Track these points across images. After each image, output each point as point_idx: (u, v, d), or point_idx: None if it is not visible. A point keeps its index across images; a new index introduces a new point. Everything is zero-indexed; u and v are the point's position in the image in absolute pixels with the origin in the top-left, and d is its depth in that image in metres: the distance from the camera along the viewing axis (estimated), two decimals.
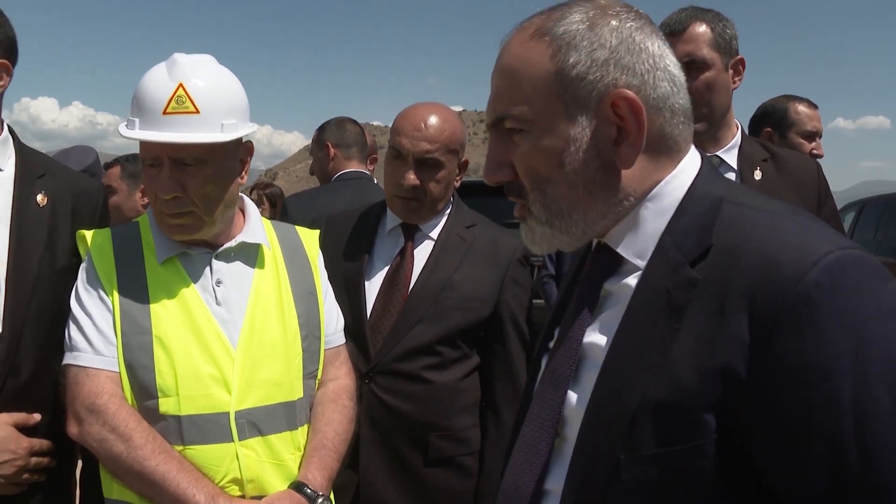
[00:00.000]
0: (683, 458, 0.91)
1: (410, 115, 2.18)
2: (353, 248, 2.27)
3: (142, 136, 1.63)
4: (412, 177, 2.14)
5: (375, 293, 2.20)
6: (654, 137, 1.01)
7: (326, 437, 1.79)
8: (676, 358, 0.92)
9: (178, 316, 1.66)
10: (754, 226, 0.95)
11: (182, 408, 1.61)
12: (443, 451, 2.15)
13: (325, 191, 3.47)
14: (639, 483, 0.93)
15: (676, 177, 1.04)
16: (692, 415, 0.90)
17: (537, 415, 1.09)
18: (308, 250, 1.93)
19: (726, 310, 0.90)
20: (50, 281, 1.82)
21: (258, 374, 1.69)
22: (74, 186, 1.96)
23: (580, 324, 1.07)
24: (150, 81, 1.64)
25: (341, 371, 1.93)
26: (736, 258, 0.92)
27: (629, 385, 0.95)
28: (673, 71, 1.03)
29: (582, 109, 1.00)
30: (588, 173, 1.01)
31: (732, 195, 1.02)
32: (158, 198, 1.66)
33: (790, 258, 0.88)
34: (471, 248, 2.22)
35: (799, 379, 0.85)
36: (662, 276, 0.98)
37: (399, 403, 2.12)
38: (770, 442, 0.88)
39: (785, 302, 0.86)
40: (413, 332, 2.12)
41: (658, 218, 1.03)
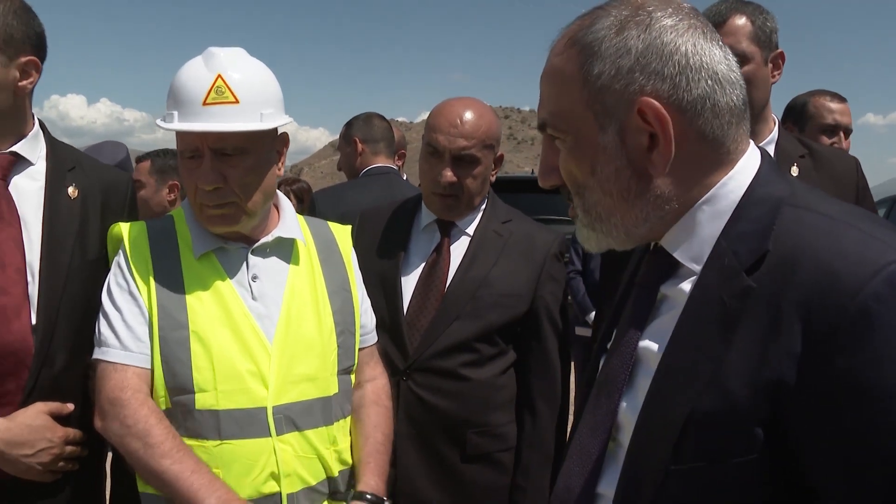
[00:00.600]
0: (732, 473, 0.89)
1: (446, 112, 2.16)
2: (388, 245, 2.26)
3: (183, 126, 1.62)
4: (449, 173, 2.13)
5: (412, 290, 2.19)
6: (695, 141, 0.98)
7: (378, 441, 1.81)
8: (728, 370, 0.90)
9: (215, 311, 1.66)
10: (813, 232, 0.91)
11: (220, 403, 1.61)
12: (480, 448, 2.14)
13: (353, 186, 3.47)
14: (687, 495, 0.92)
15: (733, 178, 1.01)
16: (742, 429, 0.88)
17: (591, 419, 1.08)
18: (341, 246, 1.93)
19: (781, 321, 0.87)
20: (82, 273, 1.84)
21: (294, 369, 1.69)
22: (104, 179, 1.98)
23: (635, 328, 1.06)
24: (188, 74, 1.65)
25: (377, 370, 1.94)
26: (792, 267, 0.89)
27: (680, 395, 0.93)
28: (716, 67, 0.98)
29: (611, 119, 0.99)
30: (621, 182, 1.00)
31: (793, 197, 0.98)
32: (199, 189, 1.66)
33: (849, 268, 0.84)
34: (507, 243, 2.21)
35: (853, 397, 0.82)
36: (717, 283, 0.95)
37: (437, 400, 2.11)
38: (821, 461, 0.85)
39: (842, 315, 0.82)
40: (451, 329, 2.11)
41: (714, 221, 1.00)
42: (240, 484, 1.61)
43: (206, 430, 1.62)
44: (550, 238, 2.25)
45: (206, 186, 1.64)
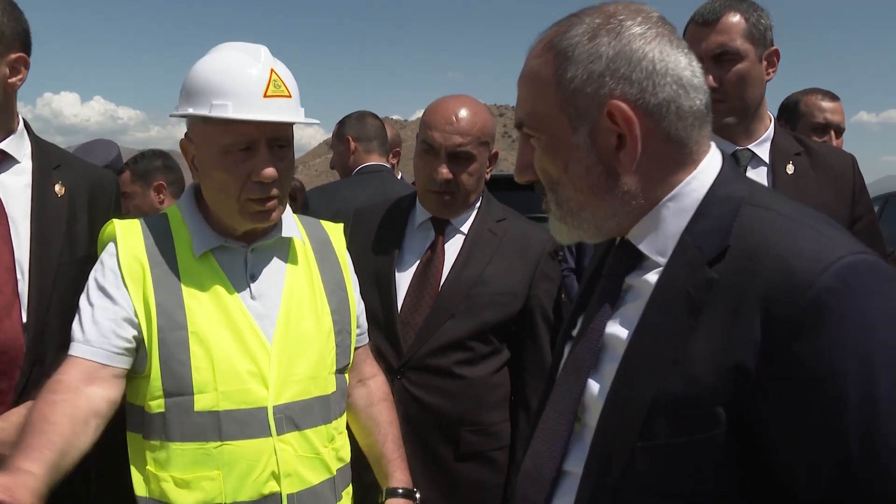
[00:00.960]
0: (696, 448, 0.96)
1: (441, 109, 2.16)
2: (382, 243, 2.26)
3: (253, 116, 1.58)
4: (445, 171, 2.13)
5: (406, 288, 2.19)
6: (660, 141, 1.06)
7: (396, 436, 1.87)
8: (692, 354, 0.97)
9: (214, 311, 1.64)
10: (771, 229, 0.99)
11: (220, 403, 1.60)
12: (474, 446, 2.14)
13: (346, 184, 3.47)
14: (653, 470, 0.99)
15: (696, 178, 1.08)
16: (705, 409, 0.95)
17: (559, 401, 1.15)
18: (335, 245, 1.92)
19: (742, 311, 0.94)
20: (71, 270, 1.83)
21: (294, 368, 1.68)
22: (89, 177, 1.98)
23: (602, 316, 1.13)
24: (237, 66, 1.62)
25: (375, 368, 1.94)
26: (753, 261, 0.96)
27: (647, 378, 1.01)
28: (680, 73, 1.05)
29: (583, 120, 1.06)
30: (592, 178, 1.08)
31: (752, 197, 1.06)
32: (251, 183, 1.62)
33: (804, 263, 0.92)
34: (501, 242, 2.21)
35: (808, 380, 0.89)
36: (682, 275, 1.03)
37: (431, 399, 2.11)
38: (779, 438, 0.93)
39: (797, 306, 0.90)
40: (445, 328, 2.11)
41: (678, 217, 1.07)
42: (241, 485, 1.60)
43: (206, 431, 1.60)
44: (545, 237, 2.24)
45: (268, 179, 1.62)
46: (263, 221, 1.69)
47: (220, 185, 1.65)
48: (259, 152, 1.62)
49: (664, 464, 0.98)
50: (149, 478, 1.63)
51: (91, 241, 1.90)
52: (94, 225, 1.93)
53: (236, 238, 1.72)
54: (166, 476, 1.61)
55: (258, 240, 1.74)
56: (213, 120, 1.60)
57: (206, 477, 1.59)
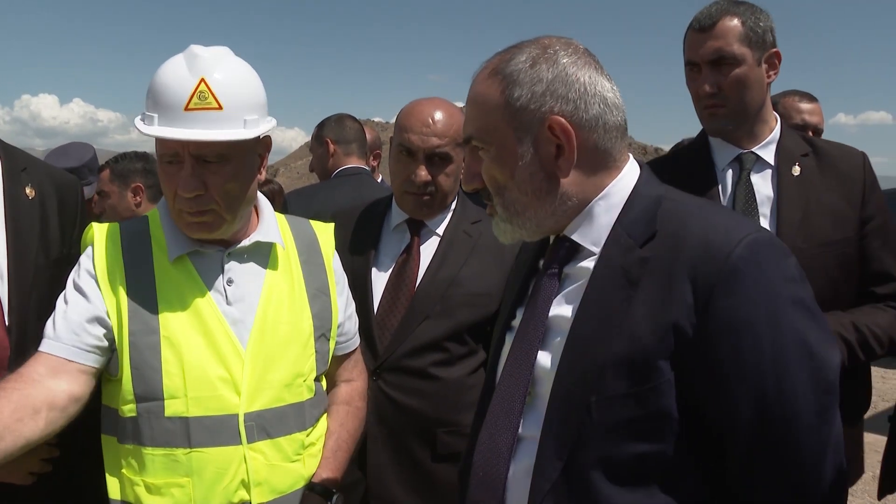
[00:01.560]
0: (644, 396, 1.14)
1: (416, 112, 2.17)
2: (358, 245, 2.26)
3: (164, 133, 1.56)
4: (424, 173, 2.15)
5: (382, 290, 2.19)
6: (590, 150, 1.25)
7: (342, 438, 1.81)
8: (634, 319, 1.16)
9: (187, 315, 1.63)
10: (689, 216, 1.22)
11: (190, 409, 1.58)
12: (451, 447, 2.14)
13: (325, 187, 3.46)
14: (608, 421, 1.16)
15: (622, 179, 1.29)
16: (649, 363, 1.14)
17: (509, 377, 1.30)
18: (323, 246, 1.89)
19: (673, 280, 1.15)
20: (47, 272, 1.83)
21: (268, 375, 1.66)
22: (56, 179, 1.98)
23: (544, 301, 1.30)
24: (169, 75, 1.58)
25: (354, 373, 1.93)
26: (678, 240, 1.18)
27: (596, 342, 1.19)
28: (605, 94, 1.25)
29: (526, 133, 1.24)
30: (535, 182, 1.25)
31: (668, 193, 1.29)
32: (178, 196, 1.61)
33: (721, 239, 1.15)
34: (477, 244, 2.22)
35: (729, 329, 1.12)
36: (617, 256, 1.22)
37: (407, 400, 2.12)
38: (707, 382, 1.13)
39: (719, 271, 1.12)
40: (420, 329, 2.12)
41: (608, 212, 1.27)
42: (210, 493, 1.59)
43: (175, 437, 1.59)
44: None
45: (186, 194, 1.59)
46: (199, 233, 1.66)
47: (165, 194, 1.67)
48: (183, 166, 1.59)
49: (617, 414, 1.16)
50: (123, 481, 1.63)
51: (63, 243, 1.89)
52: (65, 227, 1.92)
53: (212, 242, 1.70)
54: (139, 481, 1.60)
55: (233, 244, 1.72)
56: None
57: (176, 483, 1.59)
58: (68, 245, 1.92)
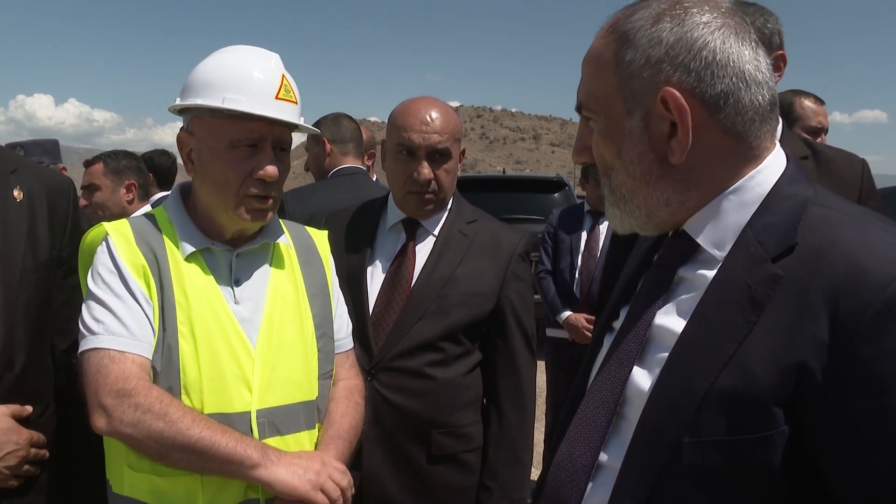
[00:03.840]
0: (748, 448, 0.92)
1: (414, 110, 2.17)
2: (354, 245, 2.25)
3: (270, 112, 1.64)
4: (427, 170, 2.14)
5: (377, 290, 2.18)
6: (715, 133, 1.03)
7: (342, 427, 1.78)
8: (751, 350, 0.94)
9: (201, 312, 1.63)
10: (841, 229, 0.96)
11: (205, 406, 1.59)
12: (446, 448, 2.14)
13: (322, 187, 3.45)
14: (699, 469, 0.95)
15: (761, 172, 1.05)
16: (762, 407, 0.92)
17: (599, 391, 1.12)
18: (320, 250, 1.92)
19: (806, 309, 0.91)
20: (35, 275, 1.81)
21: (277, 373, 1.67)
22: (46, 181, 1.96)
23: (651, 307, 1.10)
24: (253, 67, 1.67)
25: (351, 373, 1.93)
26: (821, 259, 0.93)
27: (700, 371, 0.97)
28: (743, 66, 1.02)
29: (637, 105, 1.04)
30: (644, 165, 1.06)
31: (818, 198, 1.04)
32: (252, 180, 1.66)
33: (877, 265, 0.89)
34: (472, 243, 2.21)
35: (874, 385, 0.86)
36: (743, 269, 1.00)
37: (402, 400, 2.11)
38: (837, 446, 0.89)
39: (868, 307, 0.87)
40: (416, 329, 2.11)
41: (740, 211, 1.05)
42: (220, 489, 1.59)
43: None
44: (516, 238, 2.25)
45: (271, 176, 1.66)
46: (259, 220, 1.70)
47: (221, 179, 1.66)
48: (265, 151, 1.66)
49: (712, 463, 0.94)
50: (126, 477, 1.62)
51: (52, 246, 1.88)
52: (54, 229, 1.91)
53: (223, 241, 1.72)
54: (145, 476, 1.59)
55: (244, 244, 1.74)
56: (222, 113, 1.63)
57: (185, 479, 1.58)
58: (58, 248, 1.91)
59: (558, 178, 9.33)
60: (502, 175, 10.13)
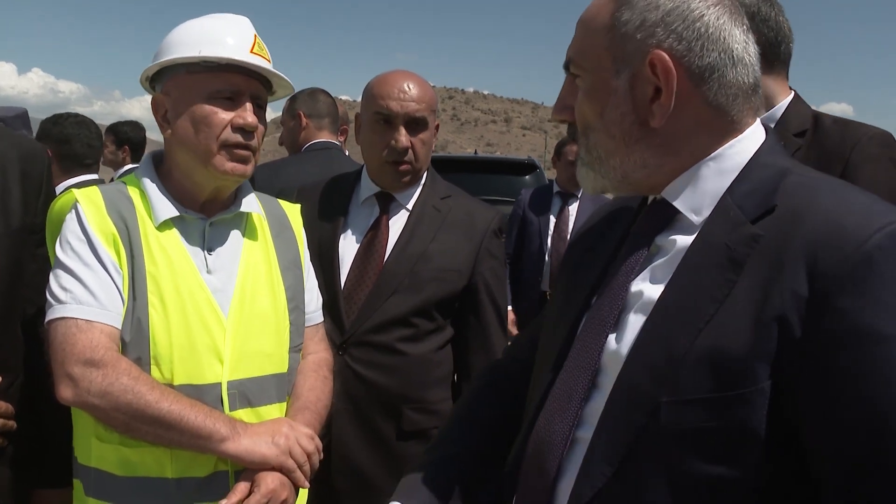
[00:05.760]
0: (728, 405, 0.92)
1: (391, 80, 2.16)
2: (326, 219, 2.23)
3: (247, 59, 1.66)
4: (405, 138, 2.13)
5: (349, 264, 2.17)
6: (697, 103, 1.06)
7: (309, 399, 1.77)
8: (732, 308, 0.94)
9: (173, 281, 1.61)
10: (820, 191, 0.98)
11: (175, 377, 1.57)
12: (416, 424, 2.14)
13: (294, 161, 3.42)
14: (677, 429, 0.95)
15: (740, 142, 1.08)
16: (742, 364, 0.92)
17: (575, 361, 1.11)
18: (293, 223, 1.91)
19: (786, 265, 0.92)
20: (6, 241, 1.77)
21: (249, 345, 1.66)
22: (20, 148, 1.91)
23: (626, 273, 1.11)
24: (225, 26, 1.70)
25: (320, 346, 1.92)
26: (799, 219, 0.95)
27: (680, 332, 0.97)
28: (732, 45, 1.05)
29: (626, 65, 1.06)
30: (624, 126, 1.08)
31: (797, 168, 1.06)
32: (232, 129, 1.65)
33: (855, 222, 0.91)
34: (446, 219, 2.20)
35: (851, 338, 0.87)
36: (722, 232, 1.01)
37: (373, 375, 2.10)
38: (816, 399, 0.89)
39: (846, 261, 0.88)
40: (388, 304, 2.10)
41: (719, 178, 1.06)
42: (193, 461, 1.57)
43: None
44: (490, 215, 2.25)
45: (251, 126, 1.66)
46: (238, 171, 1.68)
47: (201, 130, 1.65)
48: (242, 103, 1.67)
49: (690, 421, 0.94)
50: (94, 448, 1.60)
51: (25, 213, 1.84)
52: (27, 196, 1.87)
53: (196, 210, 1.70)
54: (113, 447, 1.58)
55: (217, 213, 1.72)
56: (199, 67, 1.64)
57: (154, 451, 1.56)
58: (31, 214, 1.88)
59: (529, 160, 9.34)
60: (474, 156, 10.12)
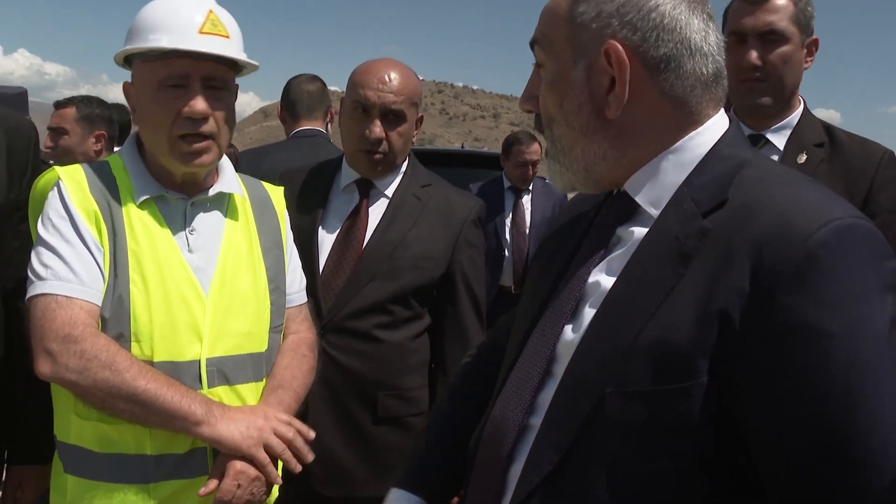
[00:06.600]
0: (670, 398, 0.92)
1: (373, 69, 2.16)
2: (306, 205, 2.24)
3: (188, 46, 1.58)
4: (378, 129, 2.13)
5: (328, 250, 2.17)
6: (655, 94, 1.05)
7: (284, 378, 1.78)
8: (677, 301, 0.94)
9: (154, 259, 1.62)
10: (772, 186, 0.98)
11: (155, 353, 1.58)
12: (391, 411, 2.15)
13: (276, 148, 3.43)
14: (620, 420, 0.95)
15: (701, 134, 1.07)
16: (685, 357, 0.92)
17: (532, 349, 1.12)
18: (276, 205, 1.92)
19: (732, 260, 0.92)
20: None
21: (229, 323, 1.67)
22: (6, 125, 1.93)
23: (587, 264, 1.11)
24: (177, 4, 1.64)
25: (302, 326, 1.93)
26: (749, 213, 0.94)
27: (627, 323, 0.98)
28: (690, 36, 1.04)
29: (583, 56, 1.06)
30: (582, 116, 1.08)
31: (756, 160, 1.05)
32: (182, 120, 1.61)
33: (802, 218, 0.90)
34: (425, 207, 2.21)
35: (792, 334, 0.86)
36: (674, 223, 1.01)
37: (349, 361, 2.11)
38: (756, 396, 0.89)
39: (790, 257, 0.87)
40: (365, 290, 2.11)
41: (677, 171, 1.06)
42: (172, 439, 1.58)
43: None
44: (470, 204, 2.26)
45: (198, 114, 1.61)
46: (195, 163, 1.66)
47: (153, 121, 1.65)
48: (192, 88, 1.62)
49: (633, 413, 0.94)
50: (73, 425, 1.61)
51: (10, 188, 1.85)
52: (12, 171, 1.89)
53: (176, 189, 1.71)
54: (92, 424, 1.58)
55: (198, 193, 1.73)
56: (149, 56, 1.62)
57: (133, 428, 1.57)
58: (17, 190, 1.89)
59: None
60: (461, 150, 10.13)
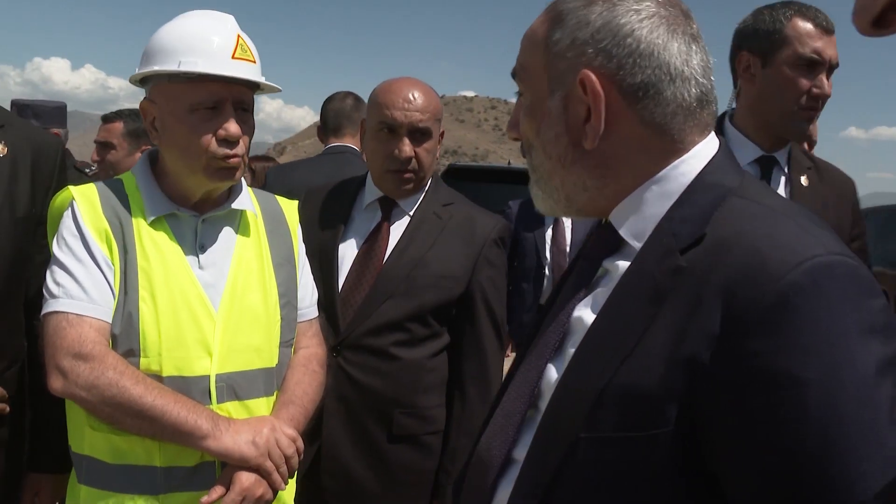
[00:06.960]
0: (639, 446, 0.88)
1: (395, 89, 2.17)
2: (328, 221, 2.25)
3: (226, 72, 1.63)
4: (409, 148, 2.14)
5: (348, 267, 2.18)
6: (634, 123, 1.00)
7: (295, 394, 1.79)
8: (649, 344, 0.90)
9: (164, 276, 1.65)
10: (750, 220, 0.92)
11: (164, 369, 1.61)
12: (407, 429, 2.14)
13: (307, 163, 3.47)
14: (593, 465, 0.92)
15: (686, 162, 1.02)
16: (654, 403, 0.88)
17: (518, 383, 1.10)
18: (288, 219, 1.93)
19: (703, 301, 0.87)
20: (10, 229, 1.83)
21: (239, 339, 1.69)
22: (34, 140, 1.98)
23: (573, 299, 1.08)
24: (206, 29, 1.68)
25: (312, 341, 1.94)
26: (724, 250, 0.89)
27: (600, 365, 0.94)
28: (670, 61, 0.99)
29: (559, 85, 1.03)
30: (559, 147, 1.04)
31: (741, 189, 0.99)
32: (217, 141, 1.66)
33: (776, 255, 0.85)
34: (446, 226, 2.21)
35: (762, 382, 0.82)
36: (652, 260, 0.96)
37: (366, 378, 2.11)
38: (729, 445, 0.85)
39: (760, 300, 0.83)
40: (383, 308, 2.11)
41: (660, 202, 1.01)
42: (177, 450, 1.60)
43: None
44: (491, 223, 2.25)
45: (234, 136, 1.66)
46: (227, 179, 1.70)
47: (185, 143, 1.67)
48: (225, 111, 1.66)
49: (605, 459, 0.91)
50: (87, 435, 1.64)
51: (32, 203, 1.89)
52: (36, 187, 1.93)
53: (189, 207, 1.74)
54: (104, 435, 1.61)
55: (210, 210, 1.75)
56: (180, 77, 1.64)
57: (144, 440, 1.59)
58: (39, 205, 1.93)
59: None
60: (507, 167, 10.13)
